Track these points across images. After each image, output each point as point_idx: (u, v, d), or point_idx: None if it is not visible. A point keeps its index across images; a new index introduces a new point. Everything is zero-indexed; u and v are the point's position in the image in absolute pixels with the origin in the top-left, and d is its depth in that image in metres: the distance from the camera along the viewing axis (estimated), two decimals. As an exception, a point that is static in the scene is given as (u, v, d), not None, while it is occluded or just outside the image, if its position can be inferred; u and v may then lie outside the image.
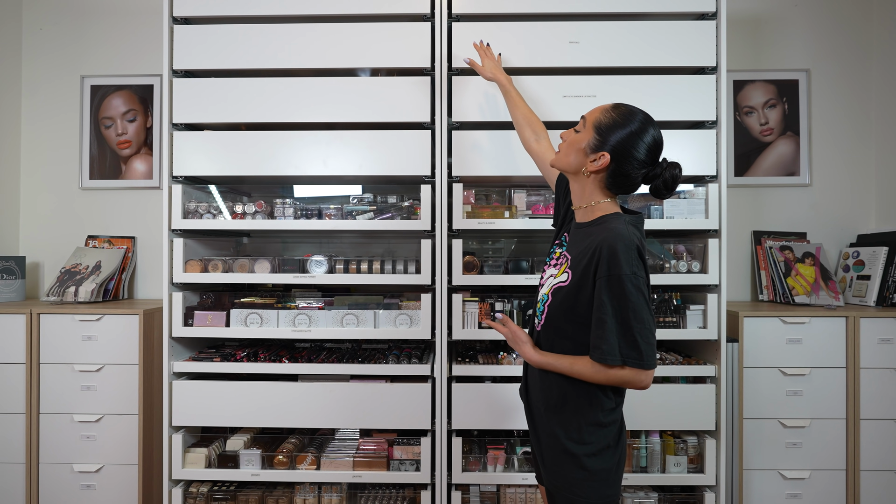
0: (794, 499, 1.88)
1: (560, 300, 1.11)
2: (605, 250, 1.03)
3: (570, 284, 1.09)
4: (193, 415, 1.77)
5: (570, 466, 1.09)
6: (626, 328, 1.01)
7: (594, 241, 1.07)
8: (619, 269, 1.01)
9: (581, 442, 1.09)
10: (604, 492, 1.09)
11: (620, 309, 1.01)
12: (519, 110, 1.51)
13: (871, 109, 2.30)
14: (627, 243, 1.03)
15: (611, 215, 1.11)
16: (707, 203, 1.72)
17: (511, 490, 1.77)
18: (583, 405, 1.09)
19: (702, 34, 1.72)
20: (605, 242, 1.03)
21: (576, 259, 1.11)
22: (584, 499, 1.08)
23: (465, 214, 1.76)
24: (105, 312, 1.91)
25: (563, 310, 1.10)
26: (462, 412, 1.73)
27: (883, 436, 1.87)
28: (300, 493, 1.78)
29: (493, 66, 1.60)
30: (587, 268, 1.06)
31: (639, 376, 1.03)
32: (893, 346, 1.87)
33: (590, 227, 1.13)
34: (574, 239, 1.17)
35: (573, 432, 1.10)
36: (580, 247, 1.11)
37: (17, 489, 1.92)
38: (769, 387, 1.88)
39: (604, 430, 1.10)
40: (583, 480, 1.08)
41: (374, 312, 1.78)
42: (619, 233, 1.04)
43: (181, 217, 1.76)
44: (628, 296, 1.01)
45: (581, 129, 1.13)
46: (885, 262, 2.07)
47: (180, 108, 1.77)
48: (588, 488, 1.08)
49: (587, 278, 1.06)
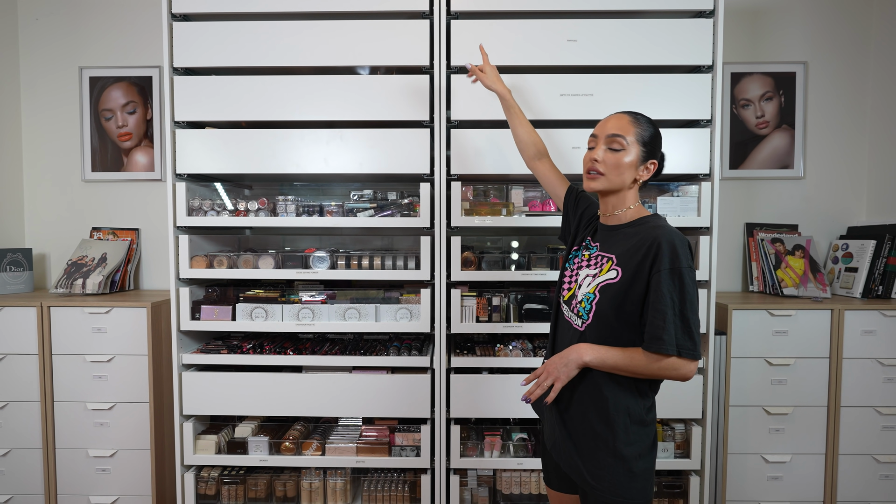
0: (775, 481, 1.99)
1: (611, 296, 1.11)
2: (665, 245, 1.06)
3: (621, 280, 1.10)
4: (203, 404, 1.84)
5: (617, 468, 1.11)
6: (685, 320, 1.05)
7: (645, 239, 1.10)
8: (680, 263, 1.05)
9: (628, 443, 1.11)
10: (645, 490, 1.13)
11: (681, 301, 1.05)
12: (523, 128, 1.50)
13: (866, 103, 2.32)
14: (682, 239, 1.08)
15: (651, 216, 1.17)
16: (699, 201, 1.76)
17: (507, 474, 1.86)
18: (627, 404, 1.12)
19: (698, 32, 1.73)
20: (664, 238, 1.07)
21: (622, 257, 1.13)
22: (630, 499, 1.11)
23: (464, 212, 1.80)
24: (114, 305, 1.97)
25: (614, 306, 1.11)
26: (460, 401, 1.81)
27: (861, 422, 1.96)
28: (306, 477, 1.87)
29: (495, 75, 1.58)
30: (641, 263, 1.08)
31: (689, 366, 1.06)
32: (876, 337, 1.94)
33: (630, 227, 1.17)
34: (610, 240, 1.19)
35: (621, 433, 1.11)
36: (623, 246, 1.14)
37: (35, 473, 2.02)
38: (755, 376, 1.96)
39: (646, 430, 1.14)
40: (629, 481, 1.11)
41: (375, 307, 1.84)
42: (673, 230, 1.09)
43: (185, 214, 1.80)
44: (687, 288, 1.05)
45: (623, 147, 1.14)
46: (872, 255, 2.13)
47: (181, 105, 1.78)
48: (631, 489, 1.11)
49: (641, 273, 1.08)
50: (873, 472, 1.98)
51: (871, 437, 1.97)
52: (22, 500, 2.03)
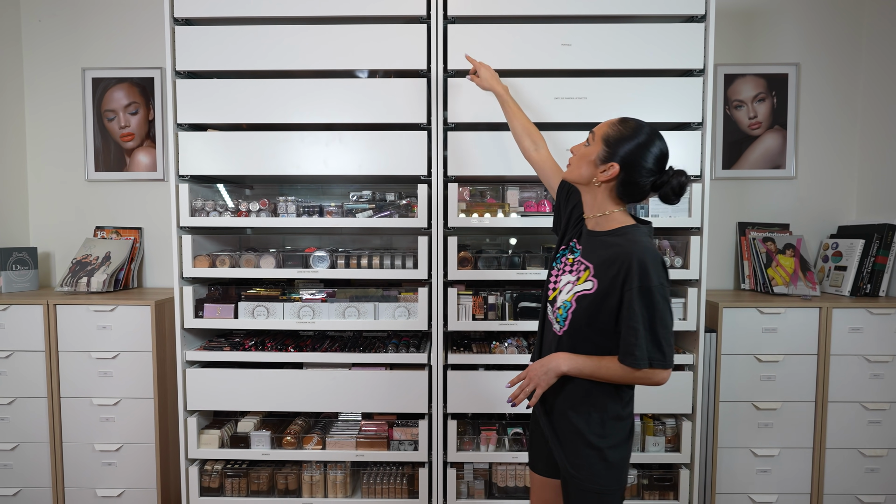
0: (763, 474, 2.04)
1: (585, 307, 1.17)
2: (636, 264, 1.10)
3: (595, 293, 1.15)
4: (206, 399, 1.89)
5: (593, 459, 1.19)
6: (654, 335, 1.11)
7: (619, 253, 1.13)
8: (650, 282, 1.09)
9: (604, 436, 1.19)
10: (620, 478, 1.21)
11: (651, 318, 1.10)
12: (518, 120, 1.56)
13: (857, 104, 2.36)
14: (655, 256, 1.12)
15: (630, 227, 1.18)
16: (690, 202, 1.81)
17: (502, 467, 1.91)
18: (605, 402, 1.19)
19: (690, 36, 1.76)
20: (635, 256, 1.11)
21: (599, 268, 1.17)
22: (605, 487, 1.19)
23: (460, 212, 1.84)
24: (118, 303, 2.01)
25: (588, 315, 1.17)
26: (457, 397, 1.86)
27: (848, 417, 2.01)
28: (307, 470, 1.92)
29: (489, 75, 1.64)
30: (615, 278, 1.13)
31: (661, 374, 1.13)
32: (862, 334, 1.99)
33: (608, 236, 1.19)
34: (589, 247, 1.23)
35: (596, 427, 1.19)
36: (601, 256, 1.17)
37: (43, 466, 2.07)
38: (744, 372, 2.01)
39: (622, 424, 1.21)
40: (605, 470, 1.19)
41: (374, 305, 1.88)
42: (647, 246, 1.13)
43: (188, 215, 1.84)
44: (657, 305, 1.10)
45: (591, 142, 1.20)
46: (861, 254, 2.17)
47: (184, 108, 1.82)
48: (608, 478, 1.19)
49: (614, 288, 1.13)
50: (859, 466, 2.03)
51: (858, 432, 2.02)
52: (30, 492, 2.08)
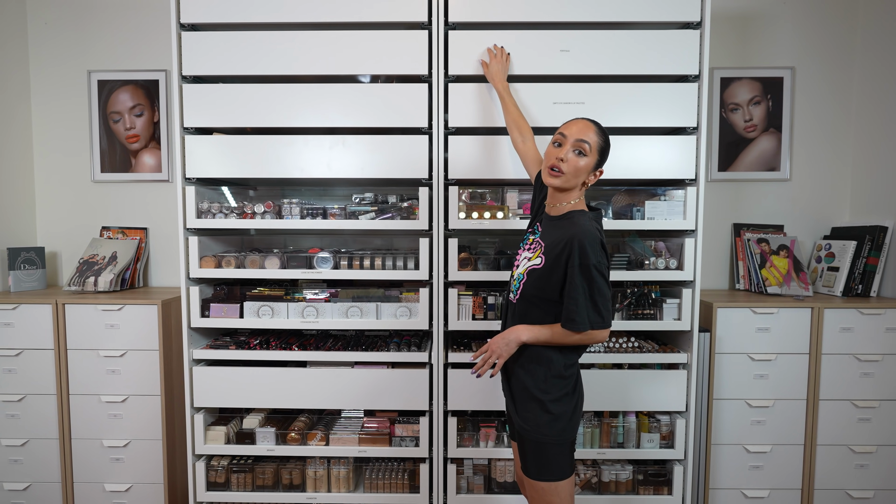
0: (756, 470, 2.09)
1: (534, 279, 1.37)
2: (576, 244, 1.29)
3: (542, 268, 1.36)
4: (213, 397, 1.94)
5: (538, 411, 1.38)
6: (594, 303, 1.31)
7: (565, 234, 1.33)
8: (588, 259, 1.29)
9: (546, 391, 1.38)
10: (564, 430, 1.37)
11: (589, 290, 1.30)
12: (510, 115, 1.73)
13: (851, 108, 2.40)
14: (592, 238, 1.30)
15: (577, 212, 1.38)
16: (685, 205, 1.85)
17: (501, 463, 1.96)
18: (548, 361, 1.38)
19: (686, 43, 1.80)
20: (576, 237, 1.29)
21: (549, 247, 1.36)
22: (549, 436, 1.37)
23: (461, 214, 1.88)
24: (125, 302, 2.06)
25: (537, 287, 1.37)
26: (457, 394, 1.90)
27: (839, 414, 2.06)
28: (311, 465, 1.97)
29: (497, 70, 1.75)
30: (559, 256, 1.32)
31: (601, 334, 1.34)
32: (853, 333, 2.04)
33: (560, 220, 1.39)
34: (546, 229, 1.42)
35: (540, 383, 1.38)
36: (552, 237, 1.37)
37: (52, 461, 2.12)
38: (738, 370, 2.06)
39: (563, 381, 1.39)
40: (548, 422, 1.37)
41: (376, 305, 1.93)
42: (587, 229, 1.31)
43: (195, 216, 1.88)
44: (594, 279, 1.30)
45: (586, 152, 1.34)
46: (853, 256, 2.22)
47: (190, 112, 1.86)
48: (551, 428, 1.37)
49: (559, 264, 1.32)
50: (849, 462, 2.08)
51: (848, 429, 2.07)
52: (40, 487, 2.13)
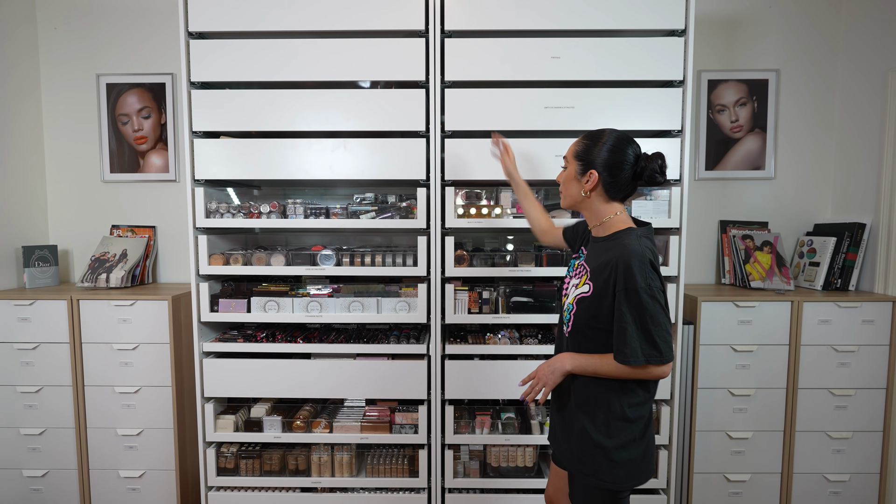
0: (737, 455, 2.20)
1: (584, 309, 1.25)
2: (622, 266, 1.17)
3: (591, 295, 1.23)
4: (222, 387, 2.04)
5: (599, 458, 1.24)
6: (647, 332, 1.16)
7: (611, 256, 1.21)
8: (635, 283, 1.15)
9: (609, 436, 1.23)
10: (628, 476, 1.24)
11: (640, 317, 1.16)
12: (535, 209, 1.67)
13: (834, 109, 2.49)
14: (640, 258, 1.17)
15: (623, 231, 1.26)
16: (670, 204, 1.94)
17: (495, 449, 2.07)
18: (610, 402, 1.23)
19: (671, 49, 1.89)
20: (621, 259, 1.17)
21: (595, 271, 1.25)
22: (609, 483, 1.24)
23: (457, 213, 1.97)
24: (137, 298, 2.15)
25: (587, 317, 1.24)
26: (454, 384, 2.01)
27: (816, 402, 2.17)
28: (315, 452, 2.08)
29: (511, 163, 1.72)
30: (607, 281, 1.20)
31: (659, 369, 1.20)
32: (831, 325, 2.14)
33: (606, 241, 1.28)
34: (592, 252, 1.31)
35: (602, 426, 1.24)
36: (598, 260, 1.25)
37: (69, 449, 2.22)
38: (721, 361, 2.16)
39: (631, 426, 1.23)
40: (609, 469, 1.23)
41: (376, 299, 2.02)
42: (633, 249, 1.18)
43: (204, 216, 1.98)
44: (645, 305, 1.16)
45: (566, 165, 1.34)
46: (833, 251, 2.32)
47: (198, 116, 1.95)
48: (613, 475, 1.23)
49: (607, 290, 1.20)
50: (826, 447, 2.19)
51: (825, 416, 2.18)
52: (57, 474, 2.24)
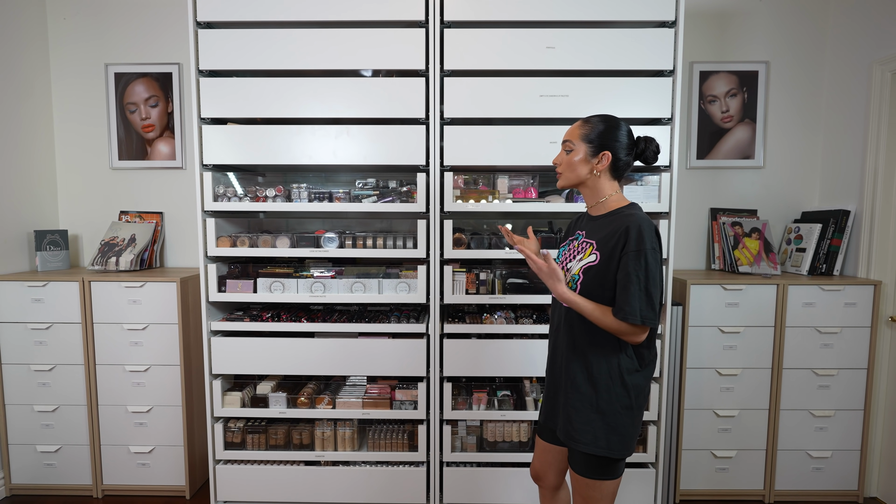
0: (724, 432, 2.29)
1: (591, 278, 1.32)
2: (633, 230, 1.26)
3: (599, 263, 1.31)
4: (229, 365, 2.12)
5: (598, 423, 1.32)
6: (648, 294, 1.25)
7: (618, 226, 1.30)
8: (644, 245, 1.25)
9: (609, 401, 1.32)
10: (624, 444, 1.33)
11: (645, 279, 1.24)
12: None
13: (822, 99, 2.56)
14: (649, 224, 1.28)
15: (626, 206, 1.36)
16: (660, 189, 2.02)
17: (491, 424, 2.16)
18: (611, 369, 1.32)
19: (662, 40, 1.96)
20: (633, 225, 1.26)
21: (602, 241, 1.32)
22: (608, 450, 1.32)
23: (455, 198, 2.05)
24: (147, 280, 2.23)
25: (597, 283, 1.31)
26: (452, 362, 2.09)
27: (800, 381, 2.26)
28: (319, 427, 2.17)
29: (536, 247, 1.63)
30: (614, 247, 1.28)
31: (641, 336, 1.28)
32: (814, 308, 2.23)
33: (608, 217, 1.37)
34: (592, 229, 1.39)
35: (603, 393, 1.32)
36: (604, 231, 1.34)
37: (81, 426, 2.31)
38: (709, 342, 2.25)
39: (625, 391, 1.32)
40: (607, 434, 1.32)
41: (378, 281, 2.10)
42: (642, 217, 1.29)
43: (212, 200, 2.05)
44: (650, 267, 1.25)
45: (572, 148, 1.38)
46: (818, 237, 2.40)
47: (206, 104, 2.02)
48: (612, 441, 1.32)
49: (615, 255, 1.28)
50: (810, 425, 2.28)
51: (809, 395, 2.27)
52: (70, 449, 2.32)
